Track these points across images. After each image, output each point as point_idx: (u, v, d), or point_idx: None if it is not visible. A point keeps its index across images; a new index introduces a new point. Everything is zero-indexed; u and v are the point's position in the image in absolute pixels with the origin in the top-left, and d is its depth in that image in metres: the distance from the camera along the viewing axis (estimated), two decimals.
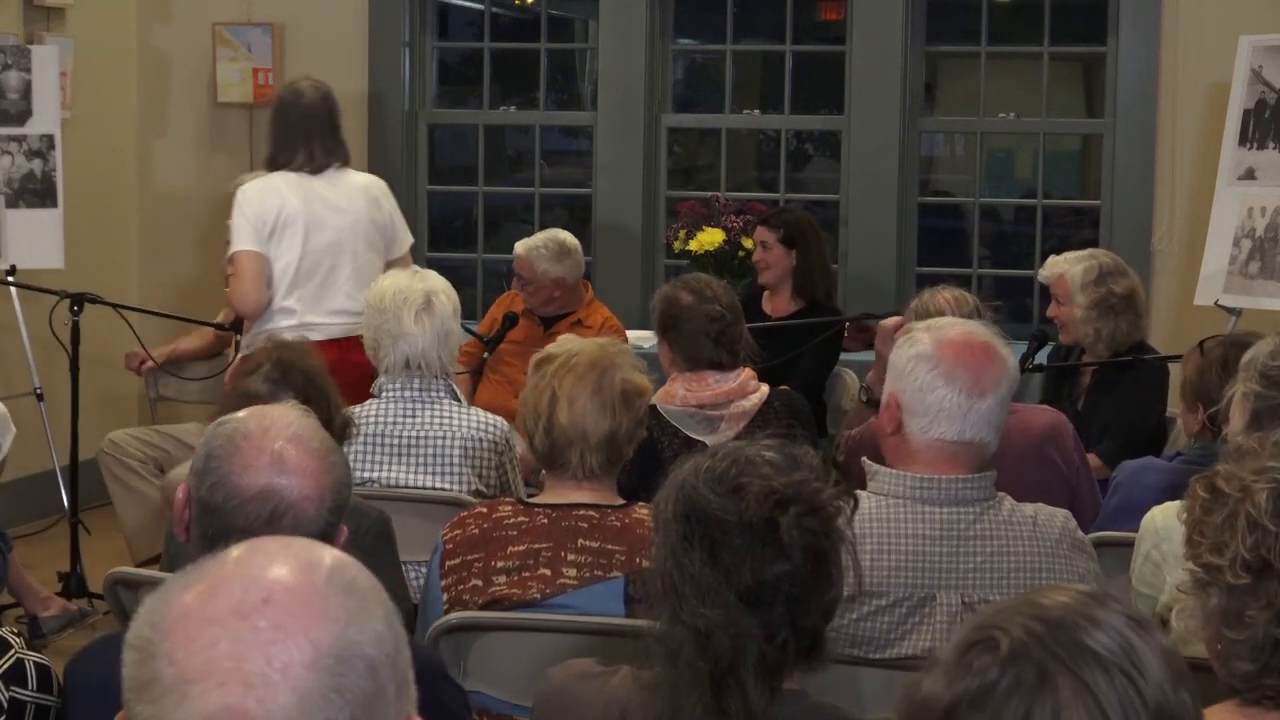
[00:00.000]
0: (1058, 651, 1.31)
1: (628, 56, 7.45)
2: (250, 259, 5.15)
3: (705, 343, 4.29)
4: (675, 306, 4.34)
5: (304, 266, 5.16)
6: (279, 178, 5.22)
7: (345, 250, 5.18)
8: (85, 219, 7.04)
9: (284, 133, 5.29)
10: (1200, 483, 2.00)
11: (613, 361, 3.22)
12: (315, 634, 1.23)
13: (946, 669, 1.34)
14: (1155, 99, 6.91)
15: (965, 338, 2.97)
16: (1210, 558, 1.91)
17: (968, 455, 2.92)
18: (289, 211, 5.16)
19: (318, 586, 1.26)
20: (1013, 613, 1.36)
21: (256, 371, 3.52)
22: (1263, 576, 1.87)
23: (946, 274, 6.68)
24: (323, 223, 5.21)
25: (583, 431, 3.13)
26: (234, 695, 1.20)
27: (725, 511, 2.15)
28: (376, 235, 5.30)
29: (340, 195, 5.26)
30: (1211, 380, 3.65)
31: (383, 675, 1.25)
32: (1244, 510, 1.91)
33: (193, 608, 1.25)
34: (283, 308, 5.18)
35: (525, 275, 6.11)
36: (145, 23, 7.76)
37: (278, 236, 5.16)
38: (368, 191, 5.33)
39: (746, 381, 4.34)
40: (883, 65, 7.20)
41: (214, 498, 2.29)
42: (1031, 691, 1.30)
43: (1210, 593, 1.91)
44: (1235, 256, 6.02)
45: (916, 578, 2.83)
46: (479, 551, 3.12)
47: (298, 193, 5.20)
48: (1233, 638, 1.87)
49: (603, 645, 2.78)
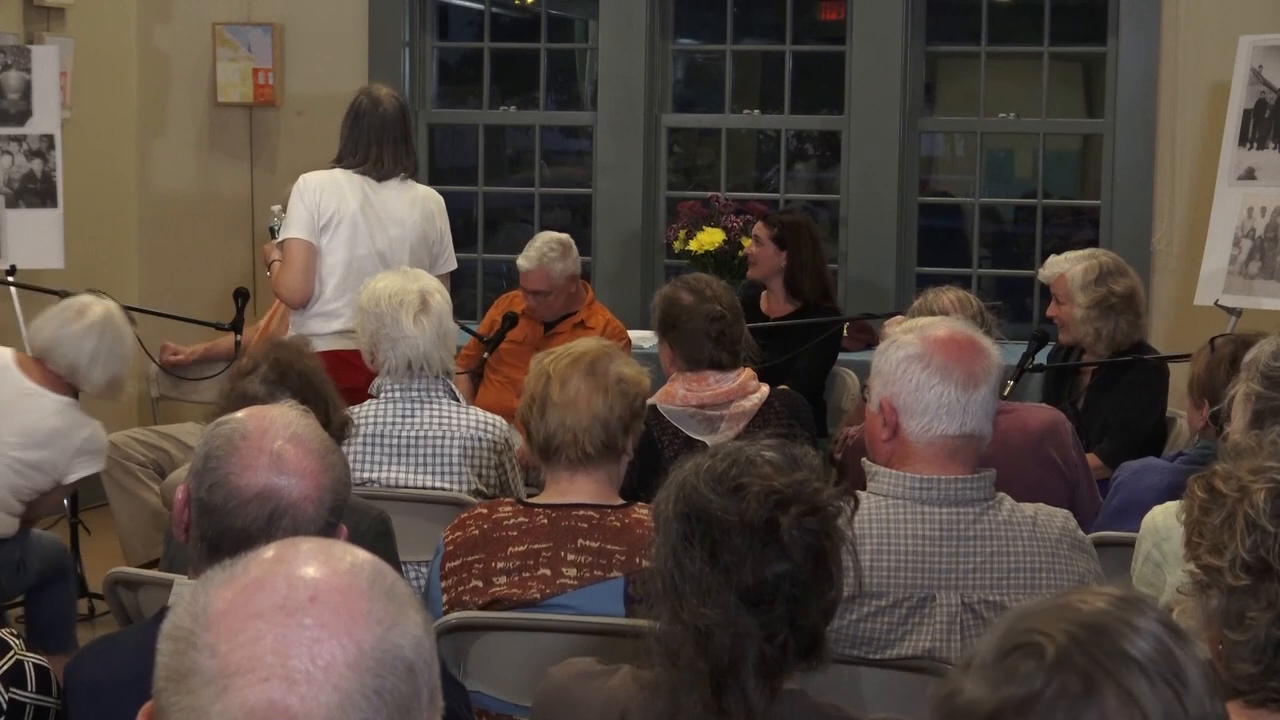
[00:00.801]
0: (1101, 659, 1.30)
1: (628, 56, 7.45)
2: (301, 247, 5.10)
3: (706, 343, 4.29)
4: (676, 306, 4.34)
5: (353, 270, 5.10)
6: (342, 174, 5.17)
7: (393, 260, 5.10)
8: (85, 219, 7.04)
9: (355, 135, 5.24)
10: (1198, 483, 1.99)
11: (610, 354, 3.24)
12: (359, 634, 1.23)
13: (988, 673, 1.32)
14: (1155, 99, 6.91)
15: (951, 334, 3.00)
16: (1210, 559, 1.90)
17: (968, 449, 2.94)
18: (345, 210, 5.11)
19: (362, 589, 1.27)
20: (1051, 616, 1.34)
21: (254, 373, 3.52)
22: (1263, 578, 1.86)
23: (946, 274, 6.68)
24: (376, 229, 5.14)
25: (576, 410, 3.13)
26: (277, 691, 1.20)
27: (726, 511, 2.15)
28: (425, 251, 5.23)
29: (398, 205, 5.20)
30: (1219, 377, 3.65)
31: (419, 680, 1.25)
32: (1243, 511, 1.89)
33: (237, 602, 1.25)
34: (329, 310, 5.11)
35: (540, 287, 6.08)
36: (145, 23, 7.77)
37: (330, 231, 5.11)
38: (425, 205, 5.28)
39: (747, 381, 4.34)
40: (883, 65, 7.20)
41: (213, 498, 2.29)
42: (1077, 700, 1.29)
43: (1210, 594, 1.90)
44: (1235, 256, 6.02)
45: (916, 578, 2.84)
46: (479, 552, 3.12)
47: (357, 194, 5.15)
48: (1235, 639, 1.86)
49: (603, 645, 2.78)
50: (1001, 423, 3.63)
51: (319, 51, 7.63)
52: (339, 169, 5.20)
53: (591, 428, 3.13)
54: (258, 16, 7.67)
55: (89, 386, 4.79)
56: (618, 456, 3.21)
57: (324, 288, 5.11)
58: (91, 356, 4.73)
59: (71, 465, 4.72)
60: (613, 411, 3.15)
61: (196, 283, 7.55)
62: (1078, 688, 1.29)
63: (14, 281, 6.24)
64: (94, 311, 4.79)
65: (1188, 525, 1.99)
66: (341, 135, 5.27)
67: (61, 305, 4.88)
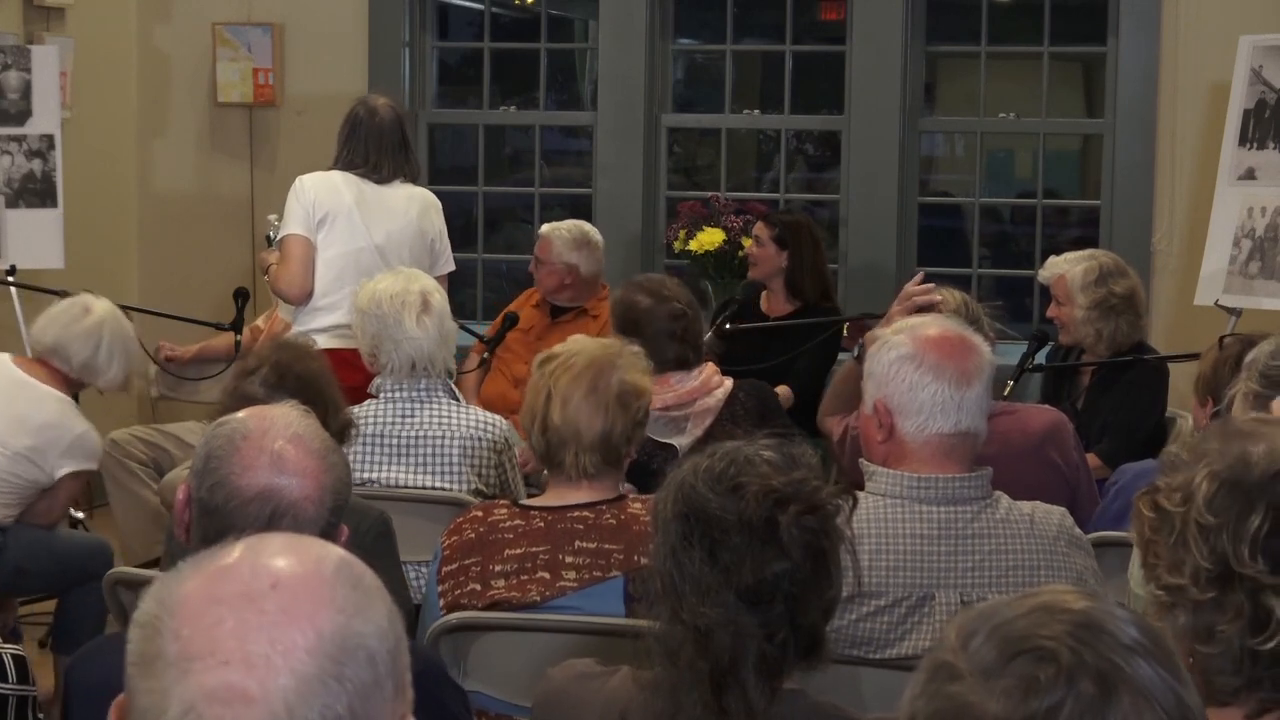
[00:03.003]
0: (1109, 655, 1.30)
1: (628, 56, 7.45)
2: (299, 243, 5.12)
3: (669, 343, 4.29)
4: (634, 310, 4.34)
5: (349, 265, 5.11)
6: (338, 174, 5.20)
7: (391, 255, 5.11)
8: (85, 219, 7.04)
9: (353, 145, 5.25)
10: (1143, 501, 1.93)
11: (612, 362, 3.21)
12: (320, 621, 1.25)
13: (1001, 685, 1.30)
14: (1155, 99, 6.91)
15: (942, 332, 3.02)
16: (1170, 578, 1.84)
17: (964, 446, 2.94)
18: (340, 205, 5.12)
19: (325, 577, 1.29)
20: (1047, 618, 1.33)
21: (254, 374, 3.52)
22: (1226, 588, 1.80)
23: (946, 274, 6.68)
24: (373, 224, 5.16)
25: (576, 431, 3.12)
26: (235, 674, 1.22)
27: (724, 510, 2.16)
28: (425, 249, 5.24)
29: (395, 200, 5.21)
30: (1223, 376, 3.65)
31: (382, 669, 1.27)
32: (1191, 520, 1.83)
33: (201, 588, 1.27)
34: (326, 304, 5.12)
35: (541, 255, 6.18)
36: (145, 23, 7.77)
37: (327, 227, 5.12)
38: (423, 202, 5.29)
39: (709, 378, 4.33)
40: (883, 65, 7.20)
41: (214, 498, 2.29)
42: (1095, 703, 1.28)
43: (1176, 613, 1.83)
44: (1235, 256, 6.02)
45: (915, 577, 2.84)
46: (476, 555, 3.11)
47: (353, 190, 5.16)
48: (1207, 652, 1.80)
49: (603, 645, 2.79)
50: (1003, 424, 3.64)
51: (319, 51, 7.63)
52: (336, 170, 5.21)
53: (593, 447, 3.13)
54: (258, 16, 7.67)
55: (103, 381, 4.87)
56: (620, 464, 3.21)
57: (322, 282, 5.12)
58: (107, 352, 4.84)
59: (61, 461, 4.75)
60: (615, 428, 3.14)
61: (196, 283, 7.55)
62: (1095, 692, 1.28)
63: (14, 281, 6.24)
64: (99, 309, 4.88)
65: (1141, 546, 1.92)
66: (338, 144, 5.28)
67: (64, 305, 4.92)
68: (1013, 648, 1.32)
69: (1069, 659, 1.30)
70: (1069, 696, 1.28)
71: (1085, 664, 1.29)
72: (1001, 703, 1.29)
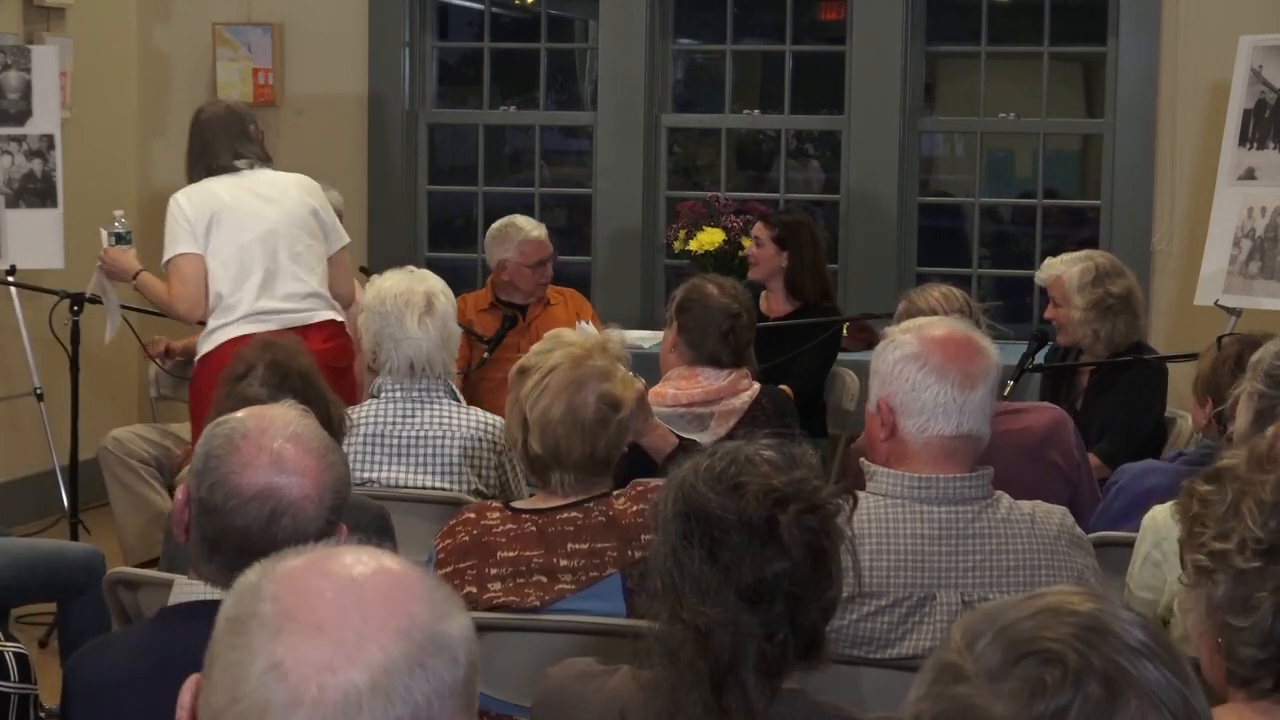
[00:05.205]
0: (1115, 657, 1.30)
1: (628, 56, 7.45)
2: (189, 261, 5.11)
3: (713, 334, 4.34)
4: (697, 292, 4.43)
5: (245, 257, 5.11)
6: (208, 180, 5.20)
7: (283, 236, 5.14)
8: (85, 219, 7.03)
9: (194, 149, 5.28)
10: (1201, 477, 1.98)
11: (588, 373, 3.17)
12: (414, 611, 1.29)
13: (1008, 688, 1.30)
14: (1155, 99, 6.91)
15: (948, 333, 3.00)
16: (1216, 544, 1.89)
17: (965, 449, 2.94)
18: (221, 207, 5.12)
19: (419, 578, 1.34)
20: (1053, 620, 1.33)
21: (250, 375, 3.51)
22: (1271, 560, 1.85)
23: (947, 274, 6.69)
24: (257, 212, 5.15)
25: (556, 457, 3.12)
26: (327, 640, 1.26)
27: (725, 510, 2.15)
28: (315, 224, 5.27)
29: (270, 188, 5.23)
30: (1223, 376, 3.65)
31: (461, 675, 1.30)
32: (1252, 493, 1.88)
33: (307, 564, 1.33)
34: (231, 302, 5.10)
35: (542, 255, 6.24)
36: (145, 23, 7.77)
37: (215, 231, 5.12)
38: (299, 184, 5.32)
39: (738, 380, 4.35)
40: (883, 65, 7.20)
41: (213, 497, 2.29)
42: (1103, 706, 1.28)
43: (1216, 580, 1.88)
44: (1235, 256, 6.02)
45: (916, 577, 2.84)
46: (471, 558, 3.11)
47: (227, 189, 5.17)
48: (1238, 625, 1.85)
49: (603, 645, 2.78)
50: (1004, 423, 3.63)
51: (319, 51, 7.62)
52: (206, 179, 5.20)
53: (576, 466, 3.12)
54: (258, 16, 7.67)
55: None
56: (608, 468, 3.20)
57: (225, 282, 5.10)
58: None
59: None
60: (596, 444, 3.12)
61: None
62: (1101, 694, 1.28)
63: (14, 281, 6.24)
64: None
65: (1188, 520, 1.97)
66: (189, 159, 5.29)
67: None
68: (1019, 649, 1.31)
69: (1076, 661, 1.29)
70: (1076, 699, 1.28)
71: (1092, 666, 1.29)
72: (1007, 705, 1.29)
